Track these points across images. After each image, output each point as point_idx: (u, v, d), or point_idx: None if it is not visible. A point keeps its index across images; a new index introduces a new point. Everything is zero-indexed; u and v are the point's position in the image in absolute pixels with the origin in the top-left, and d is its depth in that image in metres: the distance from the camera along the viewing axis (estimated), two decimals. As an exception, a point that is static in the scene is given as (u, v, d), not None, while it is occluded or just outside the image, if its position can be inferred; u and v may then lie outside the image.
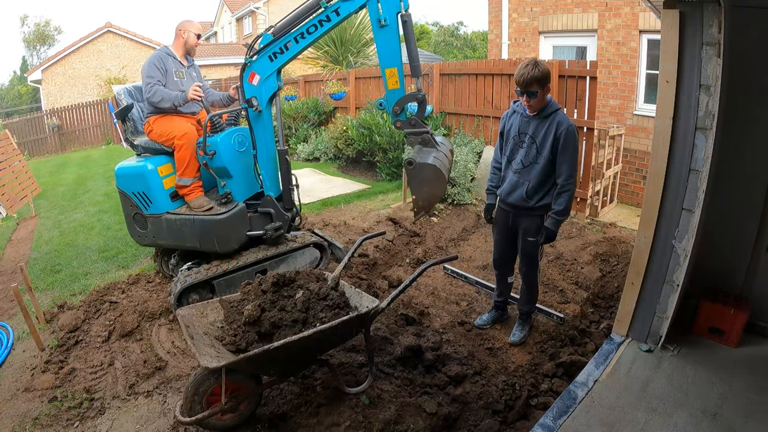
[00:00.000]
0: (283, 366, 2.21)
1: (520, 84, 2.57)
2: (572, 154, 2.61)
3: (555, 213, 2.66)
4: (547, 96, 2.64)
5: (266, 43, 2.89)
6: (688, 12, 2.08)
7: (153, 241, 3.47)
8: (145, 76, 3.25)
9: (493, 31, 8.03)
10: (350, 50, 10.25)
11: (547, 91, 2.59)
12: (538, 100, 2.60)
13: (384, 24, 2.61)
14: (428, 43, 24.87)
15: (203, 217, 3.25)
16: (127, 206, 3.42)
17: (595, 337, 2.93)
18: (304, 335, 2.00)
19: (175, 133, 3.26)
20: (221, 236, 3.24)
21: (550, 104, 2.66)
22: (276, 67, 2.96)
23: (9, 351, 2.98)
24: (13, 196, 6.69)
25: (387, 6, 2.59)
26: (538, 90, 2.54)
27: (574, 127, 2.62)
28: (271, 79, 3.00)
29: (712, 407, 2.07)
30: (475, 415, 2.33)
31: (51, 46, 31.51)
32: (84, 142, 15.25)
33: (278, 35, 2.86)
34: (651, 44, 5.84)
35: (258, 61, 2.97)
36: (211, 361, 1.89)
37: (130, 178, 3.33)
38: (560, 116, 2.62)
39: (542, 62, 2.56)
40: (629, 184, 6.15)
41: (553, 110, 2.64)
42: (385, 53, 2.66)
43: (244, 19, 23.36)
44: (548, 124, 2.62)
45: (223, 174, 3.31)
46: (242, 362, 1.95)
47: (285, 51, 2.89)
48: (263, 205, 3.41)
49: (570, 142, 2.58)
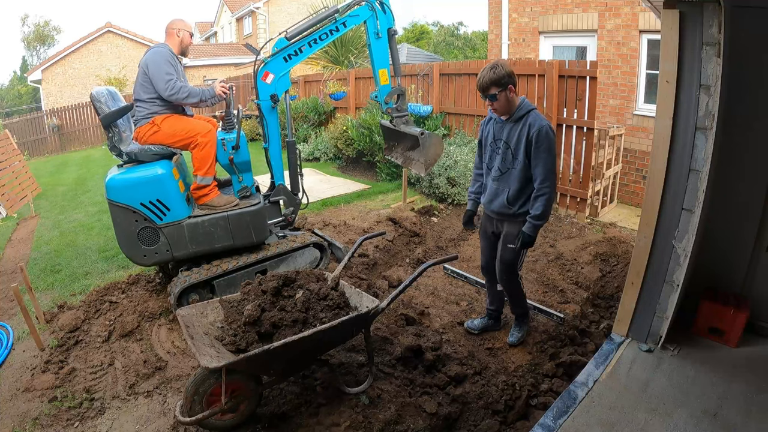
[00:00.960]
0: (284, 366, 2.21)
1: (478, 88, 2.54)
2: (546, 156, 2.51)
3: (531, 217, 2.57)
4: (517, 98, 2.57)
5: (282, 46, 3.23)
6: (688, 12, 2.08)
7: (164, 256, 3.17)
8: (164, 72, 3.09)
9: (493, 31, 8.03)
10: (350, 50, 10.26)
11: (510, 92, 2.51)
12: (501, 103, 2.52)
13: (379, 36, 3.34)
14: (428, 43, 24.88)
15: (239, 211, 3.26)
16: (128, 222, 3.04)
17: (595, 337, 2.93)
18: (304, 335, 2.00)
19: (198, 130, 3.17)
20: (258, 226, 3.34)
21: (522, 106, 2.57)
22: (290, 67, 3.30)
23: (9, 351, 2.98)
24: (13, 196, 6.69)
25: (382, 22, 3.33)
26: (497, 92, 2.47)
27: (548, 126, 2.52)
28: (285, 77, 3.33)
29: (712, 407, 2.07)
30: (475, 415, 2.33)
31: (51, 46, 31.53)
32: (84, 142, 15.26)
33: (294, 40, 3.22)
34: (651, 44, 5.84)
35: (273, 62, 3.25)
36: (211, 361, 1.89)
37: (137, 187, 3.01)
38: (532, 117, 2.53)
39: (503, 64, 2.50)
40: (629, 184, 6.15)
41: (525, 112, 2.55)
42: (379, 58, 3.38)
43: (244, 19, 23.36)
44: (521, 126, 2.55)
45: (245, 168, 3.43)
46: (242, 362, 1.95)
47: (299, 53, 3.28)
48: (275, 194, 3.59)
49: (542, 144, 2.49)
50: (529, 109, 2.56)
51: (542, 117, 2.56)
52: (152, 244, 3.12)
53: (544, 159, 2.50)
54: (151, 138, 3.17)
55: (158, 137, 3.16)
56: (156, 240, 3.12)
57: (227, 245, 3.29)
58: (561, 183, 5.29)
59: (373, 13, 3.28)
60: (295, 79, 10.91)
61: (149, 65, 3.12)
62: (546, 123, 2.52)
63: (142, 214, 3.04)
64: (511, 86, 2.49)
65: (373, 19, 3.29)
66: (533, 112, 2.56)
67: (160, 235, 3.11)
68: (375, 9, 3.28)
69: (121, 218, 3.04)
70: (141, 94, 3.18)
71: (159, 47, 3.23)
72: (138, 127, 3.21)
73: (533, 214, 2.57)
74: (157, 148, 3.17)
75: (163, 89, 3.09)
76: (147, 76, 3.14)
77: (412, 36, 26.72)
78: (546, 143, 2.49)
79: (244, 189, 3.45)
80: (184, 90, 3.12)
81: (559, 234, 4.83)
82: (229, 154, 3.31)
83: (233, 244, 3.29)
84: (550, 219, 5.14)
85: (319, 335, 2.05)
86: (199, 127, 3.19)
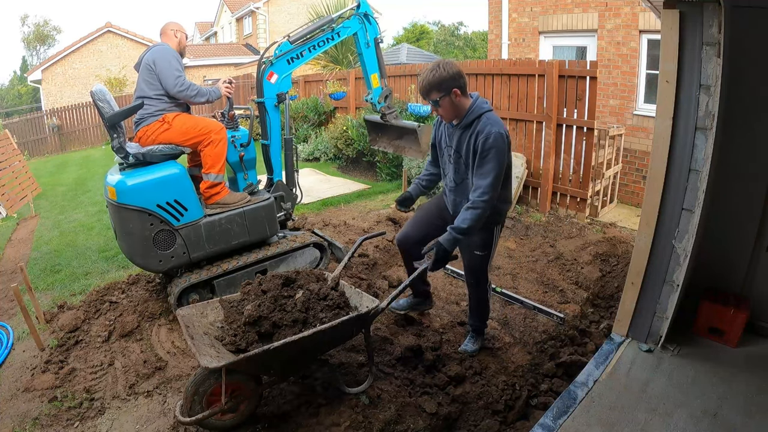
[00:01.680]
0: (284, 366, 2.21)
1: (420, 92, 2.26)
2: (491, 168, 2.18)
3: (454, 228, 2.26)
4: (468, 99, 2.27)
5: (287, 49, 3.45)
6: (688, 12, 2.08)
7: (181, 259, 3.06)
8: (174, 68, 3.04)
9: (493, 31, 8.03)
10: (350, 50, 10.26)
11: (456, 96, 2.21)
12: (446, 109, 2.25)
13: (369, 45, 3.71)
14: (429, 43, 24.87)
15: (254, 206, 3.31)
16: (142, 227, 2.89)
17: (595, 337, 2.93)
18: (304, 335, 2.00)
19: (212, 127, 3.15)
20: (271, 220, 3.41)
21: (472, 110, 2.26)
22: (292, 69, 3.52)
23: (9, 351, 2.98)
24: (13, 196, 6.69)
25: (370, 33, 3.69)
26: (439, 98, 2.21)
27: (498, 133, 2.18)
28: (287, 78, 3.53)
29: (712, 407, 2.07)
30: (475, 415, 2.33)
31: (51, 46, 31.55)
32: (84, 142, 15.25)
33: (296, 44, 3.46)
34: (651, 44, 5.84)
35: (278, 63, 3.43)
36: (211, 361, 1.89)
37: (154, 188, 2.89)
38: (483, 122, 2.23)
39: (447, 64, 2.22)
40: (629, 184, 6.15)
41: (475, 116, 2.25)
42: (370, 64, 3.75)
43: (244, 19, 23.36)
44: (470, 133, 2.26)
45: (252, 166, 3.55)
46: (242, 362, 1.95)
47: (300, 57, 3.50)
48: (275, 190, 3.66)
49: (488, 152, 2.17)
50: (480, 113, 2.26)
51: (495, 121, 2.24)
52: (168, 247, 3.01)
53: (489, 170, 2.19)
54: (161, 136, 3.07)
55: (169, 135, 3.07)
56: (172, 243, 3.02)
57: (243, 241, 3.31)
58: (561, 183, 5.29)
59: (362, 25, 3.61)
60: (296, 79, 10.91)
61: (156, 61, 3.05)
62: (496, 129, 2.19)
63: (159, 216, 2.92)
64: (456, 90, 2.20)
65: (363, 31, 3.63)
66: (485, 116, 2.25)
67: (177, 237, 3.02)
68: (363, 21, 3.61)
69: (134, 223, 2.87)
70: (147, 90, 3.08)
71: (162, 45, 3.18)
72: (144, 126, 3.09)
73: (457, 226, 2.25)
74: (166, 148, 3.07)
75: (172, 85, 3.04)
76: (153, 73, 3.06)
77: (412, 36, 26.72)
78: (493, 152, 2.17)
79: (250, 186, 3.52)
80: (194, 88, 3.10)
81: (559, 234, 4.83)
82: (239, 151, 3.41)
83: (249, 239, 3.32)
84: (550, 219, 5.16)
85: (318, 335, 2.05)
86: (212, 125, 3.18)
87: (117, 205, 2.86)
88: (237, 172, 3.52)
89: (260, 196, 3.47)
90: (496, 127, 2.20)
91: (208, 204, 3.26)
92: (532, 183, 5.49)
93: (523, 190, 5.54)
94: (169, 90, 3.07)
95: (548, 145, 5.20)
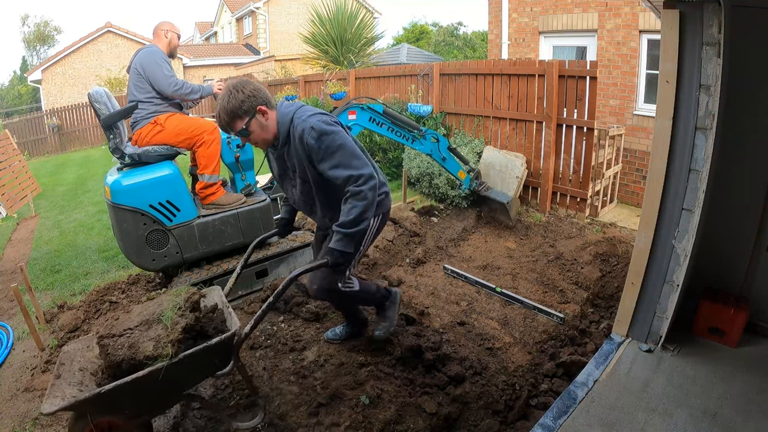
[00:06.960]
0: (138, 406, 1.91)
1: (222, 129, 2.00)
2: (333, 154, 1.95)
3: (339, 225, 1.99)
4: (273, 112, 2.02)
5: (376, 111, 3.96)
6: (688, 12, 2.08)
7: (174, 259, 3.10)
8: (164, 69, 3.09)
9: (493, 31, 8.03)
10: (350, 50, 10.26)
11: (262, 114, 1.95)
12: (258, 134, 1.99)
13: (445, 159, 4.41)
14: (428, 43, 24.86)
15: (249, 207, 3.29)
16: (136, 226, 2.95)
17: (595, 337, 2.93)
18: (139, 375, 1.76)
19: (205, 128, 3.16)
20: (268, 221, 3.41)
21: (282, 122, 2.01)
22: (365, 125, 3.96)
23: (9, 351, 2.98)
24: (13, 196, 6.69)
25: (442, 148, 4.35)
26: (245, 124, 1.93)
27: (316, 121, 1.96)
28: (357, 127, 3.96)
29: (712, 407, 2.07)
30: (475, 415, 2.33)
31: (51, 46, 31.56)
32: (84, 142, 15.25)
33: (384, 115, 4.00)
34: (651, 44, 5.84)
35: (363, 114, 3.91)
36: (52, 404, 1.70)
37: (147, 189, 2.94)
38: (296, 125, 1.98)
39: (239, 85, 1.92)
40: (629, 184, 6.14)
41: (287, 124, 2.00)
42: (452, 168, 4.54)
43: (244, 19, 23.36)
44: (292, 145, 2.03)
45: (249, 166, 3.53)
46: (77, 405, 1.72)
47: (378, 125, 4.00)
48: (275, 191, 3.81)
49: (321, 144, 1.94)
50: (289, 118, 2.01)
51: (307, 115, 2.00)
52: (161, 247, 3.05)
53: (334, 159, 1.96)
54: (155, 138, 3.10)
55: (163, 137, 3.10)
56: (165, 243, 3.05)
57: (237, 243, 3.29)
58: (561, 183, 5.29)
59: (435, 145, 4.24)
60: (295, 79, 10.92)
61: (144, 66, 3.09)
62: (311, 121, 1.96)
63: (152, 216, 2.97)
64: (260, 107, 1.94)
65: (437, 152, 4.28)
66: (295, 118, 2.00)
67: (170, 237, 3.05)
68: (437, 141, 4.27)
69: (128, 222, 2.93)
70: (136, 95, 3.12)
71: (149, 48, 3.20)
72: (138, 129, 3.14)
73: (341, 221, 1.99)
74: (161, 148, 3.11)
75: (166, 86, 3.08)
76: (142, 77, 3.10)
77: (411, 36, 26.71)
78: (327, 141, 1.94)
79: (248, 187, 3.51)
80: (187, 86, 3.14)
81: (559, 234, 4.83)
82: (234, 152, 3.38)
83: (243, 241, 3.29)
84: (550, 219, 5.16)
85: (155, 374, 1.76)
86: (204, 126, 3.19)
87: (112, 205, 2.93)
88: (234, 173, 3.52)
89: (257, 197, 3.44)
90: (309, 120, 1.96)
91: (203, 204, 3.27)
92: (532, 183, 5.49)
93: (523, 190, 5.54)
94: (165, 92, 3.11)
95: (548, 145, 5.20)
